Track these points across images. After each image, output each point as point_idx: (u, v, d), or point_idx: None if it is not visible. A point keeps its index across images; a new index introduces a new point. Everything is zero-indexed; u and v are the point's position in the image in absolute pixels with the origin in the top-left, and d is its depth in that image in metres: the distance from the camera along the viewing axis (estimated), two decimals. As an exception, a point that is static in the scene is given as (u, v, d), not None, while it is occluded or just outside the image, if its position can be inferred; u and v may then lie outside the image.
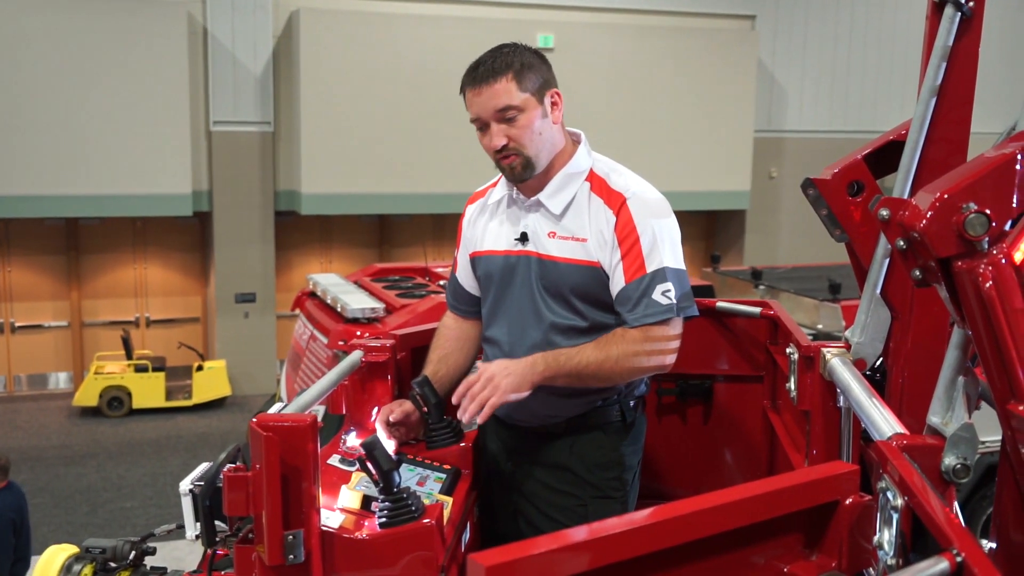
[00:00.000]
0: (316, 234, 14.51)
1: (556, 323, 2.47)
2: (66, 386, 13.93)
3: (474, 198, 2.73)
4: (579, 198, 2.47)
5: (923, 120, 2.23)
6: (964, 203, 1.47)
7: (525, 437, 2.57)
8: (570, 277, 2.45)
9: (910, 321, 2.33)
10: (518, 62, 2.38)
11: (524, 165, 2.42)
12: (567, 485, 2.52)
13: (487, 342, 2.64)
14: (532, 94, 2.38)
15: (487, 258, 2.60)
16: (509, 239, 2.54)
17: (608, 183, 2.47)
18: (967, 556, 1.24)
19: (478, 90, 2.37)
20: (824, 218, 2.39)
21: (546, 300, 2.48)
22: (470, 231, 2.69)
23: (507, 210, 2.57)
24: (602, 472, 2.52)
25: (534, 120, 2.39)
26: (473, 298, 2.72)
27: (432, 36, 12.78)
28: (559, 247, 2.46)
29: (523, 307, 2.51)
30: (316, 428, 1.78)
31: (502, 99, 2.36)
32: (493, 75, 2.36)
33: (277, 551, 1.74)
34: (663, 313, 2.38)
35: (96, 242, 13.87)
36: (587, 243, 2.44)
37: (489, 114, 2.38)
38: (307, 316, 7.10)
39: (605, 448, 2.53)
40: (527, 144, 2.39)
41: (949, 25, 2.15)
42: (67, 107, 12.12)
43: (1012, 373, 1.51)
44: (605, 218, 2.43)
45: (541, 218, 2.50)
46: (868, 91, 15.64)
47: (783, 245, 15.06)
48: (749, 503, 1.49)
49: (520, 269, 2.51)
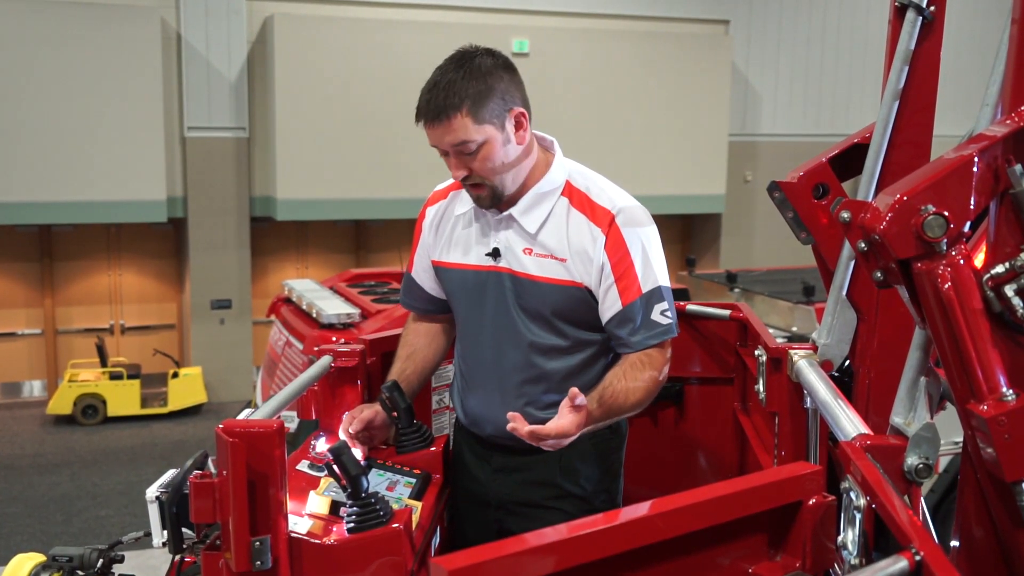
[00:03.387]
0: (292, 240, 14.46)
1: (536, 343, 2.39)
2: (40, 394, 13.80)
3: (434, 199, 2.60)
4: (556, 213, 2.35)
5: (886, 123, 2.25)
6: (923, 205, 1.49)
7: (510, 454, 2.49)
8: (550, 297, 2.35)
9: (876, 322, 2.35)
10: (473, 91, 2.21)
11: (491, 194, 2.32)
12: (556, 501, 2.47)
13: (462, 359, 2.56)
14: (491, 123, 2.24)
15: (455, 271, 2.49)
16: (479, 254, 2.42)
17: (590, 197, 2.35)
18: (926, 555, 1.25)
19: (432, 125, 2.25)
20: (790, 220, 2.41)
21: (524, 320, 2.38)
22: (431, 236, 2.56)
23: (476, 223, 2.44)
24: (591, 484, 2.49)
25: (495, 150, 2.25)
26: (431, 297, 2.63)
27: (407, 41, 12.77)
28: (537, 265, 2.35)
29: (500, 327, 2.41)
30: (283, 434, 1.78)
31: (458, 135, 2.23)
32: (445, 112, 2.21)
33: (244, 557, 1.74)
34: (664, 334, 2.33)
35: (70, 249, 13.76)
36: (567, 263, 2.33)
37: (446, 147, 2.27)
38: (282, 322, 7.08)
39: (594, 460, 2.48)
40: (489, 175, 2.28)
41: (911, 29, 2.17)
42: (39, 113, 12.02)
43: (971, 373, 1.54)
44: (591, 236, 2.31)
45: (515, 234, 2.38)
46: (841, 95, 15.76)
47: (758, 248, 15.13)
48: (713, 504, 1.50)
49: (492, 286, 2.40)
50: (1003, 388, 1.52)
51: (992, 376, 1.53)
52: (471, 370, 2.51)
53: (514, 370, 2.40)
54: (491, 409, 2.45)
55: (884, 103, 2.24)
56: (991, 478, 1.59)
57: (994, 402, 1.51)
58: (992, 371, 1.53)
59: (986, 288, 1.54)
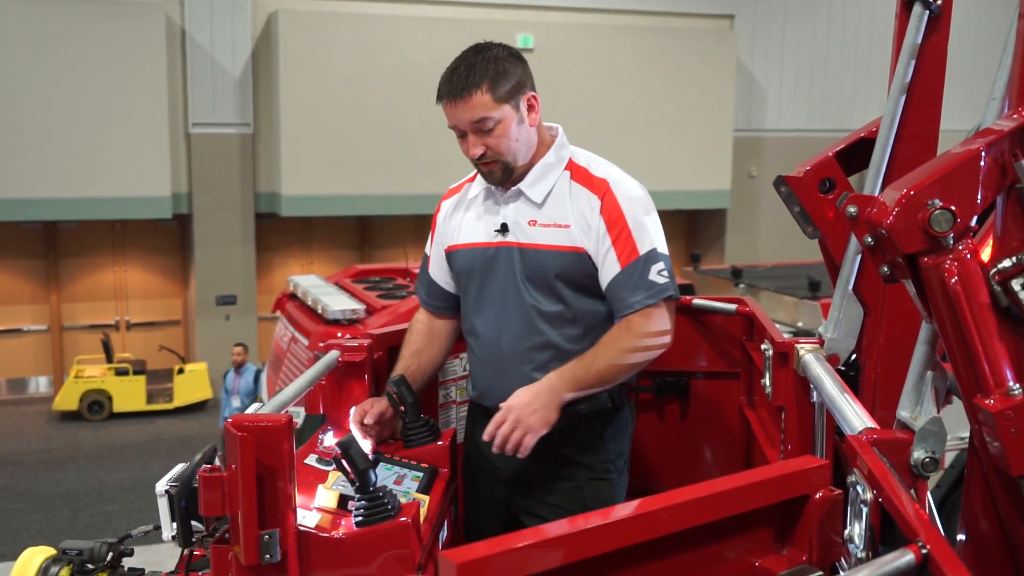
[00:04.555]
0: (297, 236, 14.48)
1: (540, 310, 2.49)
2: (46, 390, 13.85)
3: (449, 194, 2.74)
4: (559, 186, 2.50)
5: (893, 117, 2.25)
6: (929, 199, 1.49)
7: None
8: (553, 262, 2.47)
9: (882, 316, 2.35)
10: (492, 71, 2.39)
11: (503, 171, 2.46)
12: (561, 469, 2.55)
13: (471, 335, 2.64)
14: (507, 102, 2.41)
15: (465, 251, 2.60)
16: (488, 231, 2.55)
17: (589, 171, 2.51)
18: (932, 548, 1.26)
19: (453, 103, 2.40)
20: (796, 215, 2.41)
21: (529, 289, 2.50)
22: (445, 226, 2.69)
23: (484, 203, 2.59)
24: (594, 456, 2.56)
25: (510, 128, 2.42)
26: (447, 294, 2.72)
27: (411, 37, 12.77)
28: (541, 234, 2.48)
29: (507, 297, 2.52)
30: (291, 428, 1.78)
31: (477, 112, 2.38)
32: (467, 89, 2.38)
33: (253, 551, 1.74)
34: (662, 292, 2.42)
35: (75, 245, 13.80)
36: (570, 229, 2.46)
37: (465, 125, 2.42)
38: (288, 318, 7.08)
39: (597, 433, 2.56)
40: (504, 152, 2.43)
41: (918, 23, 2.17)
42: (44, 110, 12.05)
43: (978, 367, 1.54)
44: (588, 204, 2.46)
45: (521, 207, 2.52)
46: (846, 89, 15.74)
47: (763, 243, 15.13)
48: (720, 498, 1.50)
49: (501, 260, 2.53)
50: (1010, 382, 1.52)
51: (999, 370, 1.53)
52: (479, 345, 2.60)
53: (519, 338, 2.50)
54: (498, 379, 2.54)
55: (891, 97, 2.24)
56: (997, 472, 1.59)
57: (1001, 396, 1.51)
58: (999, 365, 1.53)
59: (993, 282, 1.54)
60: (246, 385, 9.32)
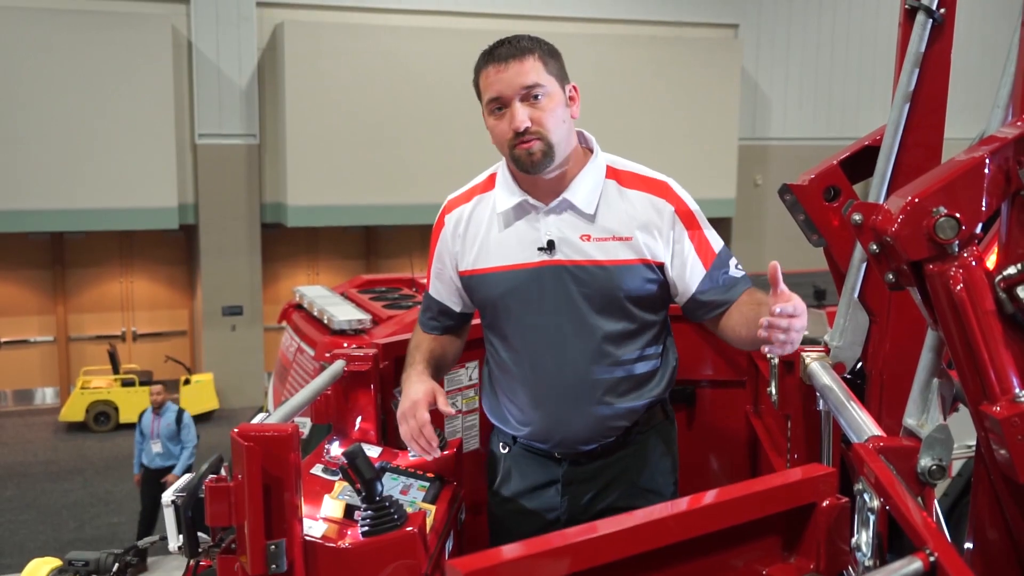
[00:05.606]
0: (303, 246, 14.50)
1: (608, 332, 2.30)
2: (52, 401, 13.86)
3: (452, 205, 2.45)
4: (608, 195, 2.30)
5: (897, 125, 2.25)
6: (934, 207, 1.49)
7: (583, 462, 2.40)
8: (621, 279, 2.27)
9: (888, 324, 2.35)
10: (544, 46, 2.27)
11: (544, 151, 2.20)
12: (632, 500, 2.38)
13: (514, 369, 2.38)
14: (556, 78, 2.25)
15: (497, 276, 2.33)
16: (529, 250, 2.29)
17: (640, 173, 2.36)
18: (940, 556, 1.25)
19: (503, 66, 2.20)
20: (801, 223, 2.41)
21: (591, 310, 2.29)
22: (456, 245, 2.41)
23: (518, 218, 2.33)
24: (663, 477, 2.45)
25: (557, 104, 2.23)
26: (457, 314, 2.51)
27: (416, 48, 12.80)
28: (600, 249, 2.27)
29: (563, 322, 2.29)
30: (298, 438, 1.79)
31: (531, 76, 2.19)
32: (521, 52, 2.21)
33: (260, 561, 1.74)
34: (745, 282, 2.32)
35: (82, 256, 13.83)
36: (632, 241, 2.27)
37: (514, 91, 2.19)
38: (294, 328, 7.07)
39: (660, 452, 2.44)
40: (551, 128, 2.20)
41: (921, 31, 2.17)
42: (52, 121, 12.09)
43: (984, 374, 1.54)
44: (655, 208, 2.29)
45: (569, 220, 2.28)
46: (851, 97, 15.74)
47: (769, 252, 15.09)
48: (727, 506, 1.50)
49: (549, 281, 2.28)
50: (1016, 389, 1.52)
51: (1005, 377, 1.52)
52: (528, 380, 2.36)
53: (585, 364, 2.31)
54: (564, 413, 2.35)
55: (895, 105, 2.25)
56: (1005, 479, 1.59)
57: (1007, 403, 1.51)
58: (1005, 372, 1.53)
59: (998, 289, 1.54)
60: (167, 428, 8.60)
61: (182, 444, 8.65)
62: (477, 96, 2.30)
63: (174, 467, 8.55)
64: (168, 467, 8.54)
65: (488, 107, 2.25)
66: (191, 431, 8.70)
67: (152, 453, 8.55)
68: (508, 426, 2.47)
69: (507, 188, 2.34)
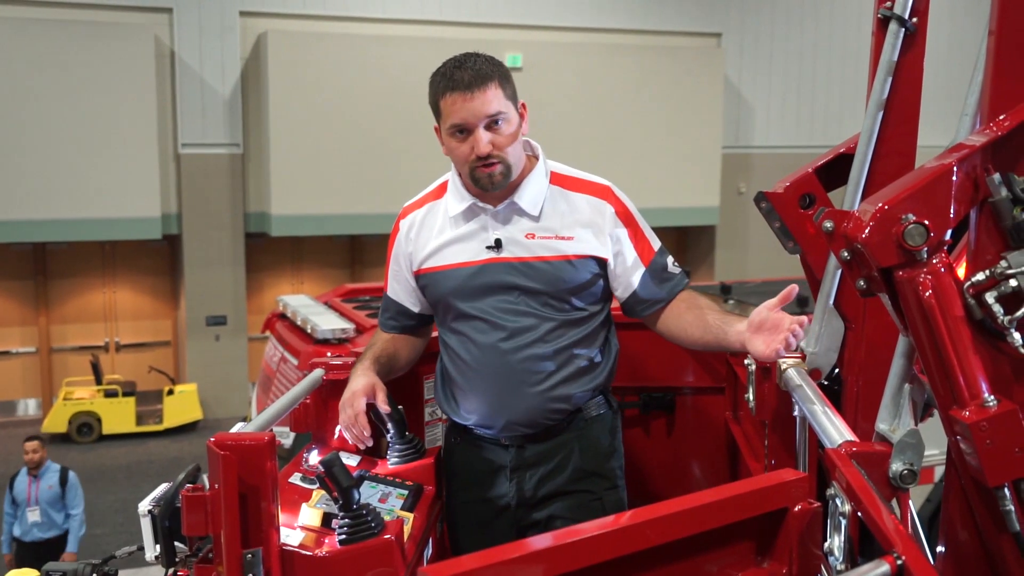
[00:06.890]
0: (287, 255, 14.48)
1: (552, 323, 2.44)
2: (35, 412, 13.79)
3: (407, 211, 2.60)
4: (552, 198, 2.47)
5: (871, 133, 2.27)
6: (903, 214, 1.51)
7: (528, 445, 2.51)
8: (564, 274, 2.42)
9: (863, 330, 2.37)
10: (500, 68, 2.37)
11: (504, 173, 2.37)
12: (581, 483, 2.51)
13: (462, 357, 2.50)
14: (512, 102, 2.38)
15: (448, 272, 2.48)
16: (478, 248, 2.46)
17: (581, 178, 2.52)
18: (908, 559, 1.27)
19: (469, 95, 2.30)
20: (777, 231, 2.43)
21: (537, 303, 2.44)
22: (410, 247, 2.56)
23: (469, 221, 2.48)
24: (607, 461, 2.56)
25: (514, 127, 2.37)
26: (415, 314, 2.64)
27: (400, 56, 12.82)
28: (545, 247, 2.43)
29: (506, 314, 2.44)
30: (274, 446, 1.79)
31: (494, 105, 2.31)
32: (483, 80, 2.30)
33: (236, 570, 1.74)
34: (682, 281, 2.54)
35: (64, 267, 13.78)
36: (575, 239, 2.43)
37: (479, 119, 2.31)
38: (277, 338, 7.06)
39: (603, 440, 2.56)
40: (509, 152, 2.37)
41: (894, 40, 2.19)
42: (33, 131, 12.05)
43: (953, 379, 1.55)
44: (597, 209, 2.46)
45: (516, 221, 2.45)
46: (833, 106, 15.83)
47: (753, 260, 15.17)
48: (699, 511, 1.51)
49: (497, 276, 2.44)
50: (985, 394, 1.53)
51: (974, 382, 1.54)
52: (475, 365, 2.48)
53: (528, 351, 2.43)
54: (505, 397, 2.46)
55: (868, 113, 2.26)
56: (975, 483, 1.60)
57: (976, 408, 1.53)
58: (974, 377, 1.54)
59: (967, 295, 1.56)
60: (48, 492, 7.12)
61: (66, 510, 7.25)
62: (434, 114, 2.42)
63: (55, 539, 7.16)
64: (48, 540, 7.14)
65: (449, 131, 2.37)
66: (78, 493, 7.32)
67: (28, 523, 7.11)
68: (457, 416, 2.58)
69: (458, 194, 2.50)
